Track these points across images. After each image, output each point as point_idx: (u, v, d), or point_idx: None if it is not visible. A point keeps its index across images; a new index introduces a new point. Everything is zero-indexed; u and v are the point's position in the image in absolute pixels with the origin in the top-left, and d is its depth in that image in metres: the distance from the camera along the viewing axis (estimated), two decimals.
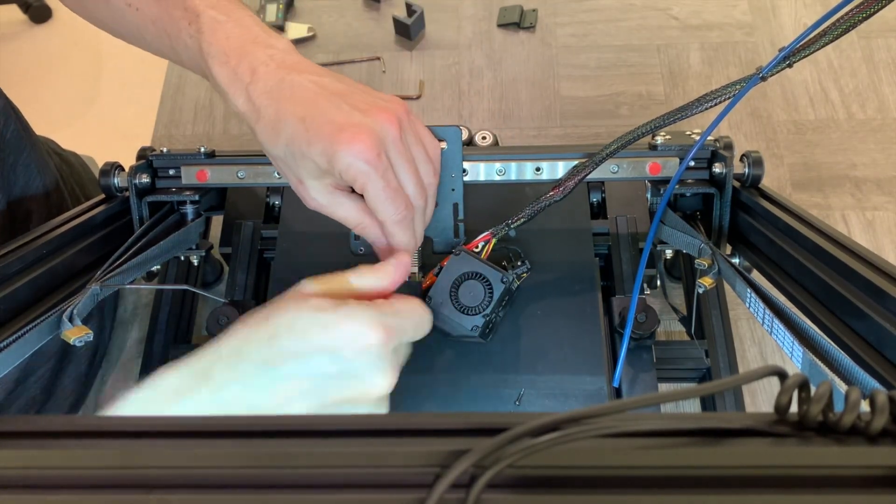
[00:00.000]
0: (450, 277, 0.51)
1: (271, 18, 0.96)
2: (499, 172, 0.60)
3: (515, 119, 0.88)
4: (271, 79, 0.45)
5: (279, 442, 0.21)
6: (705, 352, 0.63)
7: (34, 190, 0.64)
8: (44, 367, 0.64)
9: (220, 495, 0.20)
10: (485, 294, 0.50)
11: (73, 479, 0.20)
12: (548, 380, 0.56)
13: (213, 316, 0.60)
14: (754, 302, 0.50)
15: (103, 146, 0.89)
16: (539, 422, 0.20)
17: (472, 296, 0.50)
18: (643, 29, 0.94)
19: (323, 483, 0.20)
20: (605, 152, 0.54)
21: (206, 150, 0.62)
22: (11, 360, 0.47)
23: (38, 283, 0.54)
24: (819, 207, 0.80)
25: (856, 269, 0.46)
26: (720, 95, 0.51)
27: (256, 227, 0.68)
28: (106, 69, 1.02)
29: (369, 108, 0.44)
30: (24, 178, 0.63)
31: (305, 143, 0.44)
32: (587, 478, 0.20)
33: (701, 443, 0.21)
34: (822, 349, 0.44)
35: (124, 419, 0.23)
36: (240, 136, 0.91)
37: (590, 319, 0.58)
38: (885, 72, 0.88)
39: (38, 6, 1.04)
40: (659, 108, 0.88)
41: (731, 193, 0.60)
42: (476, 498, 0.19)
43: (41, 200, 0.65)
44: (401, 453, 0.20)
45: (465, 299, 0.50)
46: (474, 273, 0.51)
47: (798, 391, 0.21)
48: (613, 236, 0.65)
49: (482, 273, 0.50)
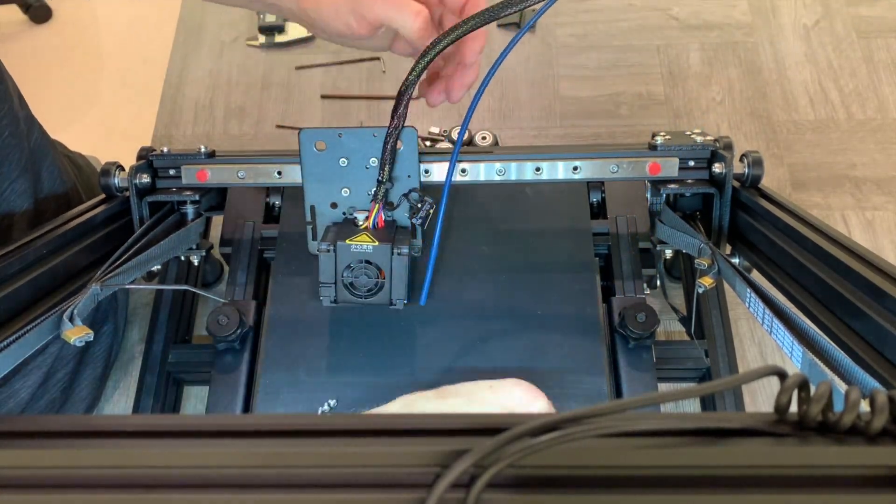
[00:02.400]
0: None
1: (271, 18, 0.96)
2: (499, 172, 0.60)
3: (515, 119, 0.88)
4: None
5: (279, 442, 0.21)
6: (705, 352, 0.63)
7: (58, 192, 0.66)
8: (64, 369, 0.64)
9: (220, 495, 0.20)
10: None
11: (73, 479, 0.20)
12: (548, 380, 0.56)
13: (213, 316, 0.60)
14: (754, 302, 0.50)
15: (103, 146, 0.89)
16: (539, 422, 0.20)
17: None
18: (643, 29, 0.94)
19: (323, 483, 0.20)
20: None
21: (206, 150, 0.62)
22: (12, 359, 0.47)
23: (39, 283, 0.54)
24: (819, 207, 0.80)
25: (856, 269, 0.46)
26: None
27: (256, 227, 0.68)
28: (106, 69, 1.02)
29: None
30: (49, 182, 0.64)
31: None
32: (587, 477, 0.20)
33: (701, 443, 0.21)
34: (822, 349, 0.44)
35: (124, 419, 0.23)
36: (240, 136, 0.91)
37: (590, 319, 0.58)
38: (885, 72, 0.88)
39: (38, 6, 1.04)
40: (659, 107, 0.88)
41: (730, 193, 0.60)
42: (476, 498, 0.19)
43: (63, 202, 0.66)
44: (401, 453, 0.20)
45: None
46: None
47: (798, 391, 0.21)
48: (613, 236, 0.65)
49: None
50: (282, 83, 0.95)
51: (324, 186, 0.56)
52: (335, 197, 0.56)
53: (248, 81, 0.95)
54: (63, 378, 0.65)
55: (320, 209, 0.57)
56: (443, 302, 0.59)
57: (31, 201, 0.61)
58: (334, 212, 0.57)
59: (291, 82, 0.94)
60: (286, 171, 0.60)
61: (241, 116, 0.92)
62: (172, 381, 0.68)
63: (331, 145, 0.55)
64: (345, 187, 0.56)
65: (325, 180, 0.56)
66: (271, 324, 0.60)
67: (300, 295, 0.61)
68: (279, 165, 0.60)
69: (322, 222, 0.57)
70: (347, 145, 0.54)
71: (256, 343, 0.61)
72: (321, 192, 0.56)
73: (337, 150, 0.55)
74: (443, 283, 0.60)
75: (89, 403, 0.69)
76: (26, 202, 0.61)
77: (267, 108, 0.93)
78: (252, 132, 0.91)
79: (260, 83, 0.95)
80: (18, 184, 0.60)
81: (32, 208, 0.62)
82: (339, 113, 0.92)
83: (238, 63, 0.97)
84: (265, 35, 0.97)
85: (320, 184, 0.56)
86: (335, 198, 0.56)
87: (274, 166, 0.60)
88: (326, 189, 0.56)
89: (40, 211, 0.63)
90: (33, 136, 0.63)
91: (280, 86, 0.94)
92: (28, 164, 0.61)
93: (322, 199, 0.56)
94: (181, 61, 0.98)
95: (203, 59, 0.98)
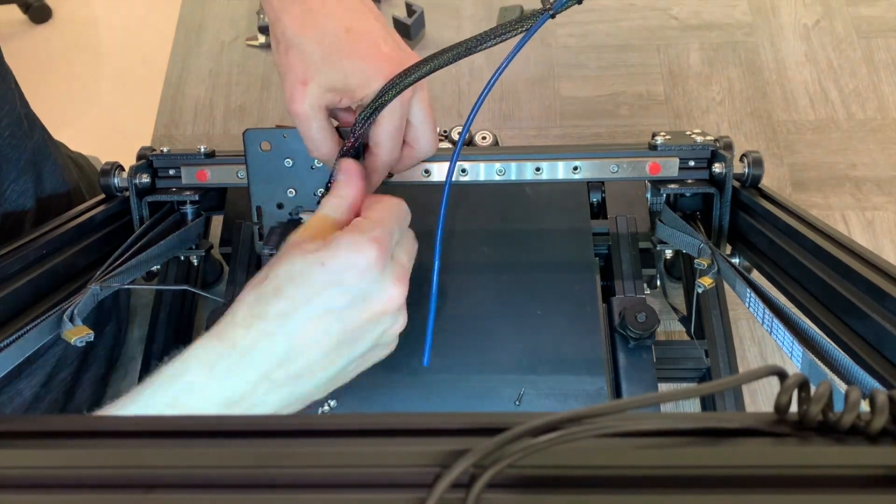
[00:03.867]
0: None
1: None
2: (499, 172, 0.60)
3: (515, 119, 0.88)
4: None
5: (279, 442, 0.21)
6: (705, 352, 0.63)
7: (60, 192, 0.66)
8: (66, 369, 0.64)
9: (220, 495, 0.20)
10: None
11: (73, 479, 0.20)
12: (548, 380, 0.56)
13: (213, 316, 0.60)
14: (754, 302, 0.50)
15: (103, 146, 0.89)
16: (539, 421, 0.20)
17: None
18: (643, 29, 0.94)
19: (323, 483, 0.20)
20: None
21: (206, 150, 0.62)
22: (12, 359, 0.47)
23: (38, 283, 0.54)
24: (819, 207, 0.80)
25: (856, 269, 0.46)
26: (512, 29, 0.45)
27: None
28: (106, 69, 1.02)
29: (409, 54, 0.46)
30: (52, 182, 0.65)
31: (345, 53, 0.44)
32: (587, 477, 0.20)
33: (701, 443, 0.21)
34: (822, 349, 0.44)
35: (124, 419, 0.23)
36: (240, 136, 0.91)
37: (590, 319, 0.58)
38: (885, 72, 0.88)
39: (38, 6, 1.04)
40: (659, 107, 0.88)
41: (731, 193, 0.60)
42: (476, 498, 0.19)
43: (65, 202, 0.66)
44: (401, 453, 0.20)
45: None
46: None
47: (798, 391, 0.21)
48: (613, 236, 0.65)
49: None
50: (282, 83, 0.94)
51: (269, 187, 0.56)
52: (281, 197, 0.56)
53: (248, 81, 0.95)
54: (65, 378, 0.65)
55: (266, 210, 0.57)
56: (442, 301, 0.59)
57: (33, 201, 0.61)
58: (280, 212, 0.57)
59: None
60: None
61: (241, 116, 0.92)
62: None
63: (276, 145, 0.55)
64: (290, 188, 0.56)
65: (270, 181, 0.56)
66: None
67: None
68: None
69: (268, 223, 0.57)
70: (292, 146, 0.54)
71: None
72: (267, 192, 0.56)
73: (282, 151, 0.55)
74: (442, 283, 0.60)
75: (91, 403, 0.69)
76: (28, 202, 0.61)
77: (267, 108, 0.93)
78: None
79: (260, 83, 0.95)
80: (20, 183, 0.60)
81: (35, 208, 0.62)
82: None
83: (238, 63, 0.97)
84: (265, 35, 0.97)
85: (266, 185, 0.56)
86: (281, 198, 0.56)
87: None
88: (272, 190, 0.56)
89: (43, 210, 0.63)
90: (35, 136, 0.63)
91: (280, 86, 0.94)
92: (30, 163, 0.61)
93: (268, 199, 0.56)
94: (181, 61, 0.98)
95: (203, 59, 0.98)
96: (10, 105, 0.58)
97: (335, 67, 0.45)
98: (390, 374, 0.57)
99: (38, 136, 0.64)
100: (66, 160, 0.71)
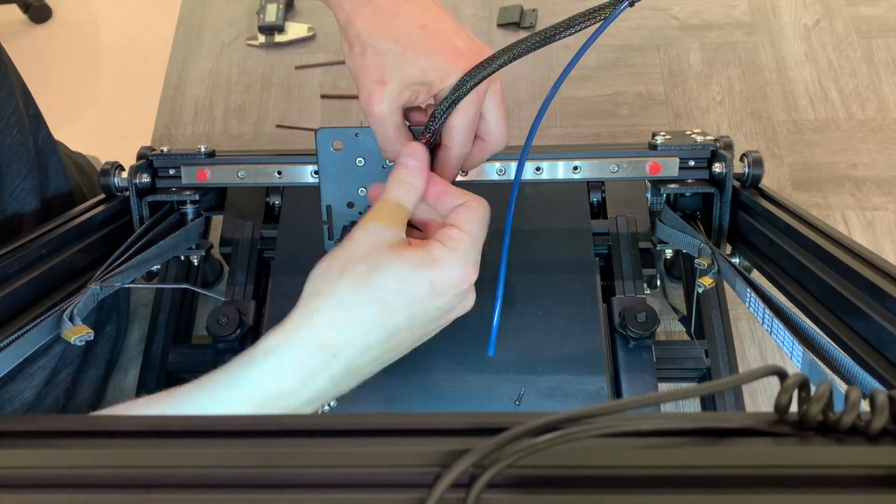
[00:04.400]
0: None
1: (271, 18, 0.96)
2: (499, 172, 0.60)
3: (515, 119, 0.88)
4: None
5: (279, 442, 0.21)
6: (705, 352, 0.63)
7: (63, 191, 0.66)
8: (67, 369, 0.64)
9: (220, 495, 0.20)
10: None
11: (73, 479, 0.20)
12: (548, 380, 0.56)
13: (213, 315, 0.60)
14: (754, 302, 0.50)
15: (103, 146, 0.89)
16: (539, 422, 0.20)
17: None
18: (643, 29, 0.94)
19: (323, 483, 0.20)
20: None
21: (206, 150, 0.62)
22: (12, 359, 0.47)
23: (38, 283, 0.54)
24: (819, 207, 0.80)
25: (856, 269, 0.46)
26: (591, 17, 0.45)
27: (256, 227, 0.68)
28: (106, 69, 1.02)
29: (483, 47, 0.47)
30: (56, 181, 0.65)
31: (422, 49, 0.45)
32: (587, 477, 0.20)
33: (701, 443, 0.21)
34: (822, 349, 0.44)
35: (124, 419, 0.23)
36: (240, 136, 0.91)
37: (590, 319, 0.58)
38: (885, 72, 0.88)
39: (38, 6, 1.04)
40: (659, 107, 0.88)
41: (731, 193, 0.60)
42: (476, 498, 0.19)
43: (68, 201, 0.66)
44: (401, 453, 0.20)
45: None
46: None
47: (798, 391, 0.21)
48: (613, 236, 0.65)
49: None
50: (282, 83, 0.95)
51: (340, 186, 0.56)
52: (352, 197, 0.56)
53: (248, 81, 0.95)
54: (66, 378, 0.65)
55: (336, 209, 0.57)
56: None
57: (38, 200, 0.61)
58: (350, 211, 0.57)
59: (291, 82, 0.95)
60: (286, 171, 0.60)
61: (241, 116, 0.92)
62: (172, 381, 0.68)
63: (347, 145, 0.55)
64: (361, 187, 0.56)
65: (341, 180, 0.56)
66: (271, 324, 0.60)
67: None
68: (279, 165, 0.60)
69: (339, 222, 0.57)
70: (364, 144, 0.54)
71: None
72: (338, 191, 0.56)
73: (354, 150, 0.55)
74: None
75: (92, 403, 0.69)
76: (34, 200, 0.61)
77: (267, 108, 0.93)
78: (252, 132, 0.91)
79: (260, 83, 0.95)
80: (27, 182, 0.60)
81: (40, 207, 0.62)
82: (340, 112, 0.92)
83: (238, 63, 0.97)
84: (265, 35, 0.97)
85: (337, 183, 0.56)
86: (352, 197, 0.56)
87: (274, 166, 0.60)
88: (343, 189, 0.56)
89: (47, 209, 0.63)
90: (40, 135, 0.63)
91: (280, 85, 0.94)
92: (35, 162, 0.61)
93: (339, 198, 0.56)
94: (181, 61, 0.98)
95: (203, 58, 0.98)
96: (15, 103, 0.59)
97: (413, 64, 0.45)
98: (390, 374, 0.57)
99: (43, 135, 0.64)
100: (68, 160, 0.71)
